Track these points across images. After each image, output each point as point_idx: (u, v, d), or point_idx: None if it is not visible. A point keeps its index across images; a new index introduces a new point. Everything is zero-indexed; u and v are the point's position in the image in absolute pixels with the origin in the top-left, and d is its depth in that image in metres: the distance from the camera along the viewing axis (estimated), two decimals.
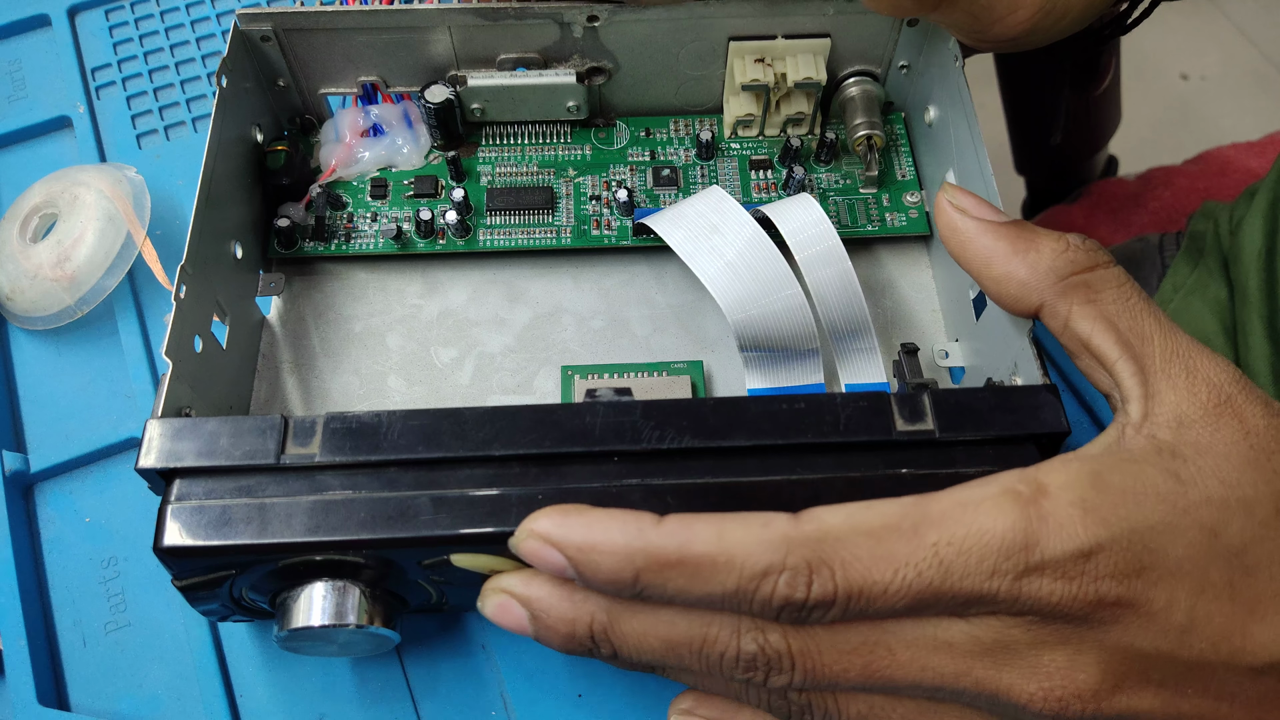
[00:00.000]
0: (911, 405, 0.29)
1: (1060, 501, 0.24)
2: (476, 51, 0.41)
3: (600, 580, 0.25)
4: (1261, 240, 0.46)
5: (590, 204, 0.42)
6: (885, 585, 0.24)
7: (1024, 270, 0.28)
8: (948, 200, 0.31)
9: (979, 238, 0.29)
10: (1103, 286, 0.28)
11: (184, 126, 0.48)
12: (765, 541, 0.24)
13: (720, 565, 0.24)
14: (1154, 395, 0.26)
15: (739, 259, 0.36)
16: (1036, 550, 0.23)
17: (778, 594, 0.24)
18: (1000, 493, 0.24)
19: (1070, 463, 0.25)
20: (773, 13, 0.39)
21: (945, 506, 0.24)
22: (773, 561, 0.24)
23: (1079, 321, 0.27)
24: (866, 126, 0.41)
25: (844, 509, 0.25)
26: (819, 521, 0.24)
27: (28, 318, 0.41)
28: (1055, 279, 0.28)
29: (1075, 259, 0.28)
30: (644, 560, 0.24)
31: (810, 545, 0.24)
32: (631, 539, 0.24)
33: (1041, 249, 0.28)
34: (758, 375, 0.37)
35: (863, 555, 0.24)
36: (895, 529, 0.24)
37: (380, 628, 0.30)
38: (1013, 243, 0.29)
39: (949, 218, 0.30)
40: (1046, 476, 0.25)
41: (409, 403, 0.39)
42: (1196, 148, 0.69)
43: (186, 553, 0.28)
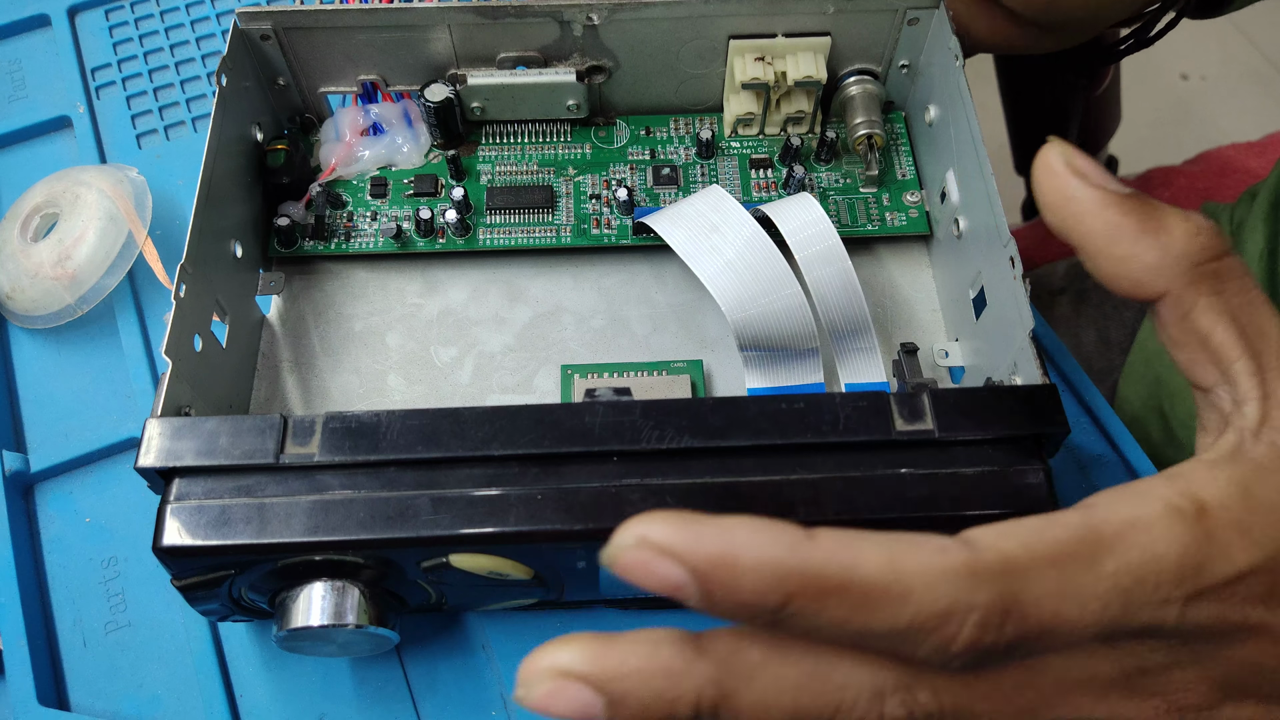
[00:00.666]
0: (911, 405, 0.29)
1: (1220, 521, 0.23)
2: (476, 50, 0.41)
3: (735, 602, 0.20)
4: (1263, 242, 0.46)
5: (590, 203, 0.42)
6: (1074, 622, 0.21)
7: (1154, 254, 0.25)
8: (1065, 161, 0.26)
9: (1102, 211, 0.25)
10: (1229, 276, 0.25)
11: (184, 126, 0.48)
12: (947, 573, 0.20)
13: (895, 596, 0.20)
14: (1272, 396, 0.25)
15: (739, 258, 0.36)
16: (1204, 575, 0.22)
17: (963, 637, 0.20)
18: (1167, 511, 0.23)
19: (1217, 473, 0.24)
20: (773, 11, 0.39)
21: (1116, 528, 0.22)
22: (958, 600, 0.20)
23: (1203, 315, 0.25)
24: (867, 126, 0.41)
25: (1016, 533, 0.22)
26: (997, 550, 0.21)
27: (28, 317, 0.41)
28: (1187, 266, 0.25)
29: (1206, 244, 0.25)
30: (799, 582, 0.20)
31: (1000, 580, 0.21)
32: (784, 553, 0.20)
33: (1174, 231, 0.25)
34: (757, 375, 0.37)
35: (1051, 590, 0.21)
36: (1075, 557, 0.22)
37: (379, 628, 0.30)
38: (1141, 221, 0.25)
39: (1064, 184, 0.26)
40: (1203, 491, 0.23)
41: (409, 402, 0.39)
42: (1196, 148, 0.69)
43: (186, 552, 0.28)
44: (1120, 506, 0.23)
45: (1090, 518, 0.22)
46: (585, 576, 0.31)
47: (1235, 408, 0.25)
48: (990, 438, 0.29)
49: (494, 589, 0.31)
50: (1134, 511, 0.23)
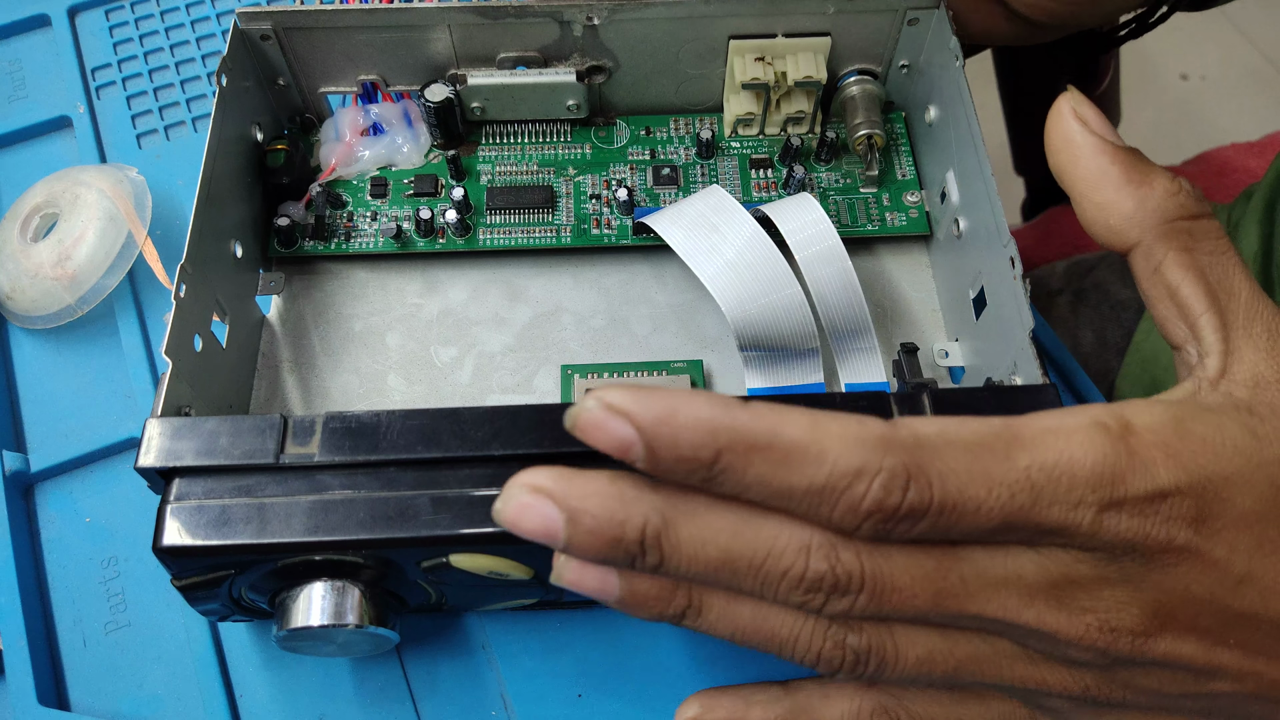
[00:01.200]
0: (911, 405, 0.29)
1: (1145, 440, 0.24)
2: (476, 50, 0.41)
3: (674, 456, 0.22)
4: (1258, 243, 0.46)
5: (590, 203, 0.42)
6: (979, 502, 0.23)
7: (1131, 203, 0.28)
8: (1071, 107, 0.29)
9: (1094, 156, 0.28)
10: (1203, 236, 0.27)
11: (184, 126, 0.48)
12: (862, 438, 0.22)
13: (812, 455, 0.22)
14: (1234, 352, 0.26)
15: (739, 258, 0.36)
16: (1121, 485, 0.23)
17: (870, 496, 0.22)
18: (1090, 424, 0.24)
19: (1154, 405, 0.25)
20: (773, 11, 0.39)
21: (1036, 430, 0.24)
22: (868, 460, 0.22)
23: (1171, 269, 0.27)
24: (867, 126, 0.41)
25: (936, 422, 0.23)
26: (913, 429, 0.23)
27: (28, 317, 0.41)
28: (1160, 220, 0.27)
29: (1184, 204, 0.27)
30: (729, 438, 0.22)
31: (908, 450, 0.22)
32: (716, 412, 0.22)
33: (1155, 186, 0.28)
34: (757, 375, 0.37)
35: (959, 469, 0.23)
36: (989, 447, 0.23)
37: (379, 628, 0.30)
38: (1127, 171, 0.28)
39: (1066, 126, 0.29)
40: (1133, 415, 0.24)
41: (409, 402, 0.39)
42: (1196, 148, 0.69)
43: (185, 552, 0.28)
44: (1048, 416, 0.24)
45: (1013, 420, 0.24)
46: None
47: (1199, 360, 0.27)
48: None
49: (494, 589, 0.31)
50: (1058, 421, 0.24)
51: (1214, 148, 0.67)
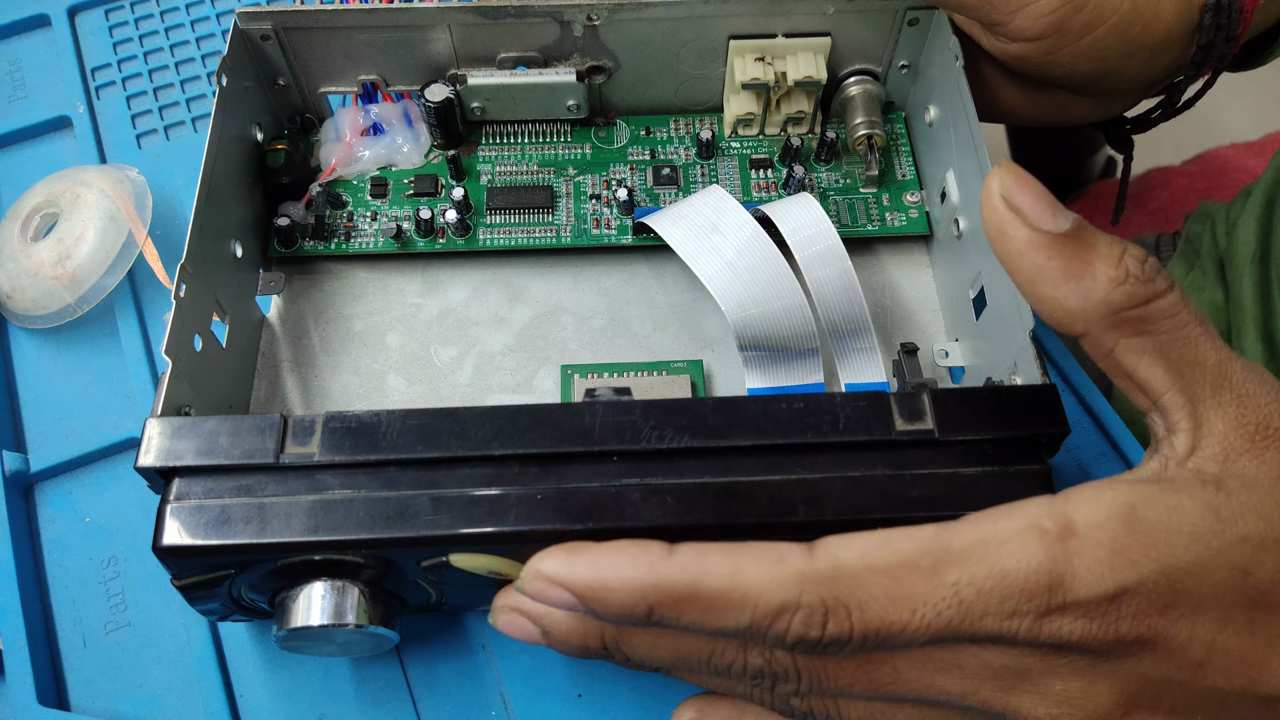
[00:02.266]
0: (911, 405, 0.29)
1: (1088, 542, 0.23)
2: (476, 50, 0.41)
3: (611, 615, 0.25)
4: (1255, 243, 0.46)
5: (590, 203, 0.42)
6: (903, 625, 0.23)
7: (1074, 299, 0.25)
8: (1002, 196, 0.26)
9: (1030, 252, 0.26)
10: (1157, 318, 0.25)
11: (184, 126, 0.48)
12: (779, 579, 0.24)
13: (734, 602, 0.24)
14: (1202, 425, 0.25)
15: (739, 258, 0.36)
16: (1060, 593, 0.23)
17: (792, 632, 0.24)
18: (1026, 529, 0.23)
19: (1103, 493, 0.24)
20: (773, 11, 0.39)
21: (968, 543, 0.24)
22: (787, 600, 0.23)
23: (1125, 355, 0.26)
24: (867, 126, 0.41)
25: (860, 543, 0.24)
26: (834, 558, 0.24)
27: (28, 316, 0.41)
28: (1107, 312, 0.25)
29: (1132, 292, 0.25)
30: (656, 596, 0.24)
31: (825, 584, 0.23)
32: (643, 574, 0.24)
33: (1097, 277, 0.25)
34: (757, 375, 0.37)
35: (879, 595, 0.23)
36: (914, 567, 0.23)
37: (379, 628, 0.30)
38: (1065, 265, 0.25)
39: (999, 219, 0.26)
40: (1076, 511, 0.24)
41: (409, 402, 0.39)
42: (1196, 148, 0.69)
43: (185, 552, 0.28)
44: (981, 524, 0.24)
45: (945, 532, 0.24)
46: None
47: (1166, 436, 0.26)
48: (990, 438, 0.29)
49: (494, 588, 0.31)
50: (992, 529, 0.24)
51: (1214, 148, 0.67)
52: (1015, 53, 0.37)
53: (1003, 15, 0.35)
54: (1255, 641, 0.24)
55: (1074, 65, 0.37)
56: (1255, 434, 0.25)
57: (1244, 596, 0.24)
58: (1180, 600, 0.23)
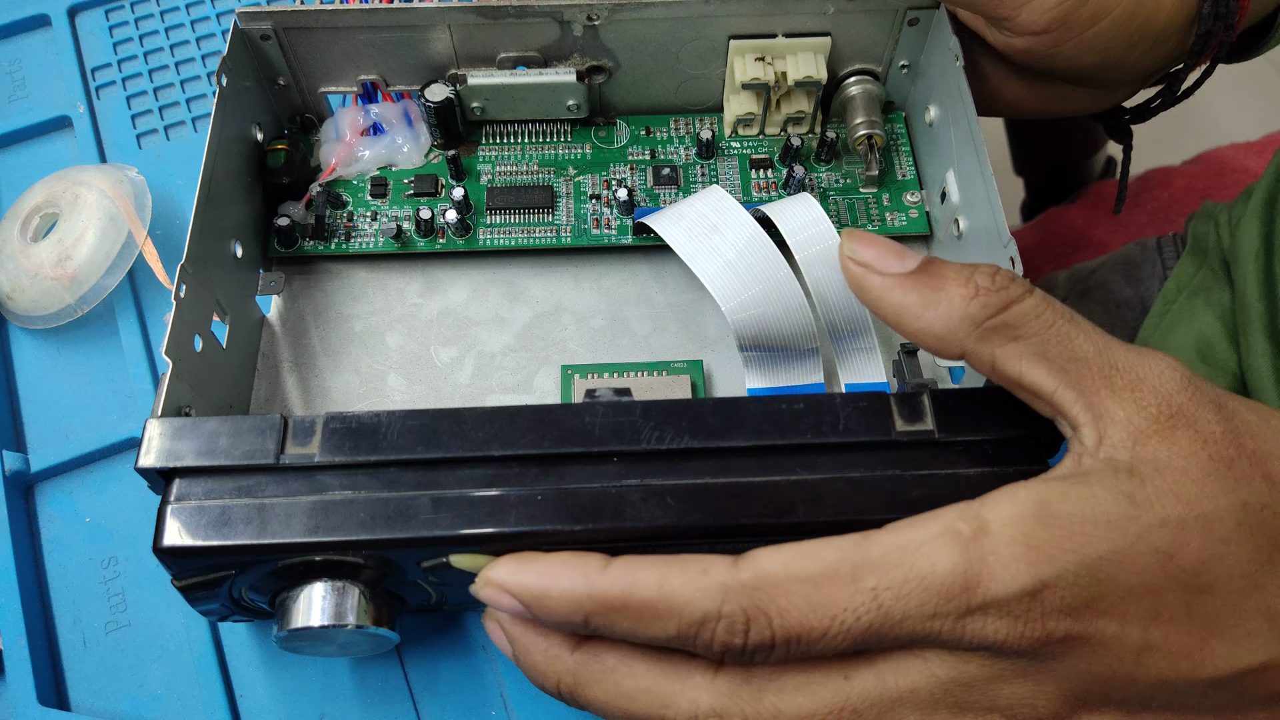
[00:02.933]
0: (911, 405, 0.29)
1: (1002, 539, 0.24)
2: (476, 50, 0.41)
3: (554, 621, 0.26)
4: (1258, 241, 0.46)
5: (590, 203, 0.42)
6: (823, 630, 0.24)
7: (939, 324, 0.27)
8: (849, 257, 0.29)
9: (887, 295, 0.28)
10: (1022, 321, 0.26)
11: (184, 126, 0.48)
12: (702, 589, 0.25)
13: (661, 611, 0.25)
14: (1103, 415, 0.25)
15: (739, 259, 0.35)
16: (978, 592, 0.23)
17: (716, 640, 0.25)
18: (940, 533, 0.24)
19: (1016, 493, 0.25)
20: (773, 11, 0.39)
21: (885, 550, 0.24)
22: (709, 609, 0.24)
23: (1005, 364, 0.26)
24: (867, 126, 0.41)
25: (784, 554, 0.25)
26: (756, 569, 0.25)
27: (28, 316, 0.41)
28: (971, 326, 0.26)
29: (987, 302, 0.26)
30: (590, 605, 0.25)
31: (746, 593, 0.24)
32: (579, 584, 0.25)
33: (951, 297, 0.27)
34: (757, 375, 0.37)
35: (799, 602, 0.24)
36: (833, 574, 0.24)
37: (379, 628, 0.30)
38: (921, 294, 0.27)
39: (854, 276, 0.29)
40: (990, 512, 0.24)
41: (409, 402, 0.39)
42: (1196, 148, 0.69)
43: (186, 553, 0.28)
44: (901, 531, 0.25)
45: (865, 541, 0.25)
46: None
47: (1073, 434, 0.26)
48: (990, 439, 0.29)
49: None
50: (910, 535, 0.25)
51: (1214, 148, 0.67)
52: (1020, 46, 0.37)
53: (1009, 10, 0.35)
54: (1192, 624, 0.24)
55: (1077, 58, 0.37)
56: (1159, 416, 0.25)
57: (1172, 580, 0.24)
58: (1106, 591, 0.23)
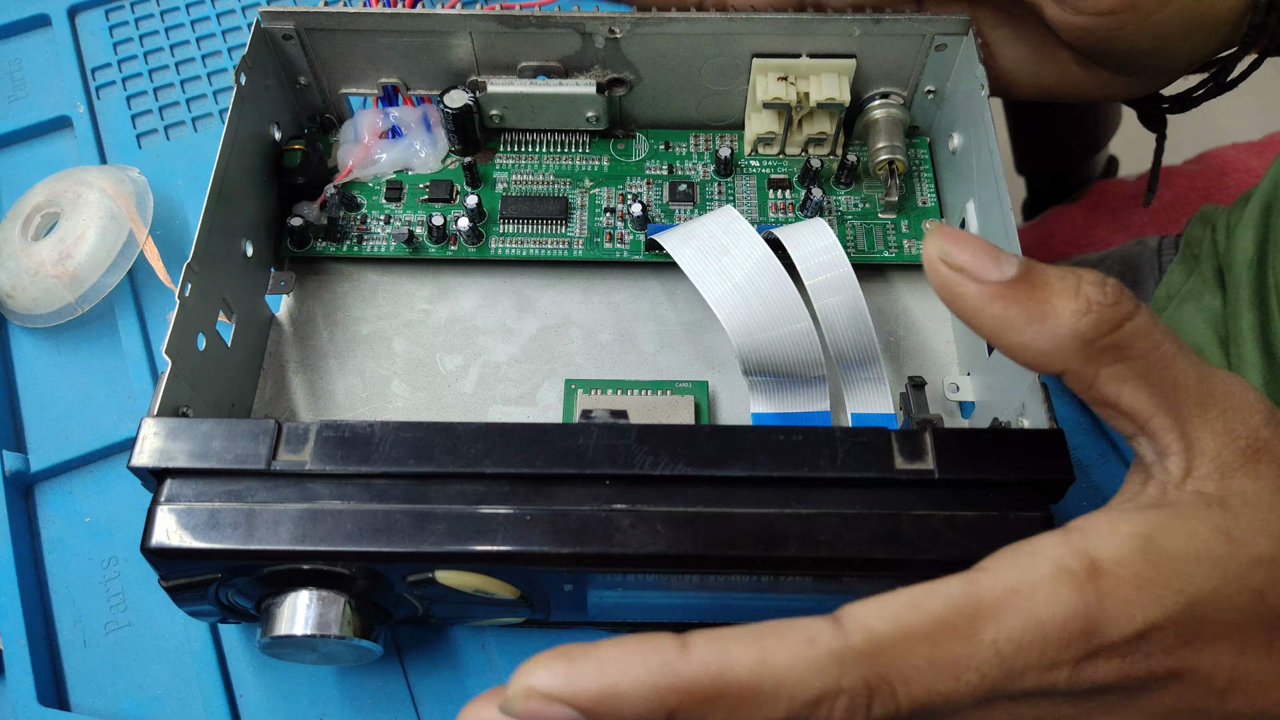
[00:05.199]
0: (912, 443, 0.29)
1: (1116, 580, 0.23)
2: (497, 58, 0.41)
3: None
4: (1253, 249, 0.45)
5: (604, 216, 0.41)
6: (949, 694, 0.22)
7: (1043, 341, 0.25)
8: (940, 259, 0.25)
9: (986, 306, 0.25)
10: (1132, 342, 0.24)
11: (184, 126, 0.48)
12: (813, 663, 0.22)
13: (766, 695, 0.22)
14: (1193, 446, 0.25)
15: (747, 282, 0.35)
16: (1096, 636, 0.22)
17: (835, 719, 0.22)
18: (1054, 574, 0.23)
19: (1118, 526, 0.24)
20: (798, 31, 0.39)
21: (998, 595, 0.23)
22: (826, 687, 0.21)
23: (1107, 385, 0.25)
24: (888, 150, 0.40)
25: (889, 610, 0.23)
26: (866, 631, 0.22)
27: (28, 315, 0.41)
28: (1080, 345, 0.24)
29: (1100, 321, 0.24)
30: (678, 699, 0.21)
31: (864, 662, 0.22)
32: (658, 676, 0.21)
33: (1060, 312, 0.24)
34: (762, 400, 0.36)
35: (922, 666, 0.22)
36: (950, 629, 0.22)
37: (363, 640, 0.30)
38: (1025, 307, 0.25)
39: (945, 281, 0.25)
40: (1097, 549, 0.23)
41: (411, 409, 0.38)
42: (1196, 148, 0.68)
43: (173, 554, 0.28)
44: (1006, 572, 0.23)
45: (972, 586, 0.23)
46: (572, 599, 0.30)
47: (1157, 459, 0.25)
48: (992, 481, 0.28)
49: (481, 606, 0.31)
50: (1019, 577, 0.23)
51: (1214, 148, 0.66)
52: (1080, 24, 0.36)
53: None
54: (1273, 663, 0.24)
55: (1136, 42, 0.36)
56: (1246, 448, 0.24)
57: (1261, 619, 0.23)
58: (1204, 629, 0.23)
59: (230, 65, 0.49)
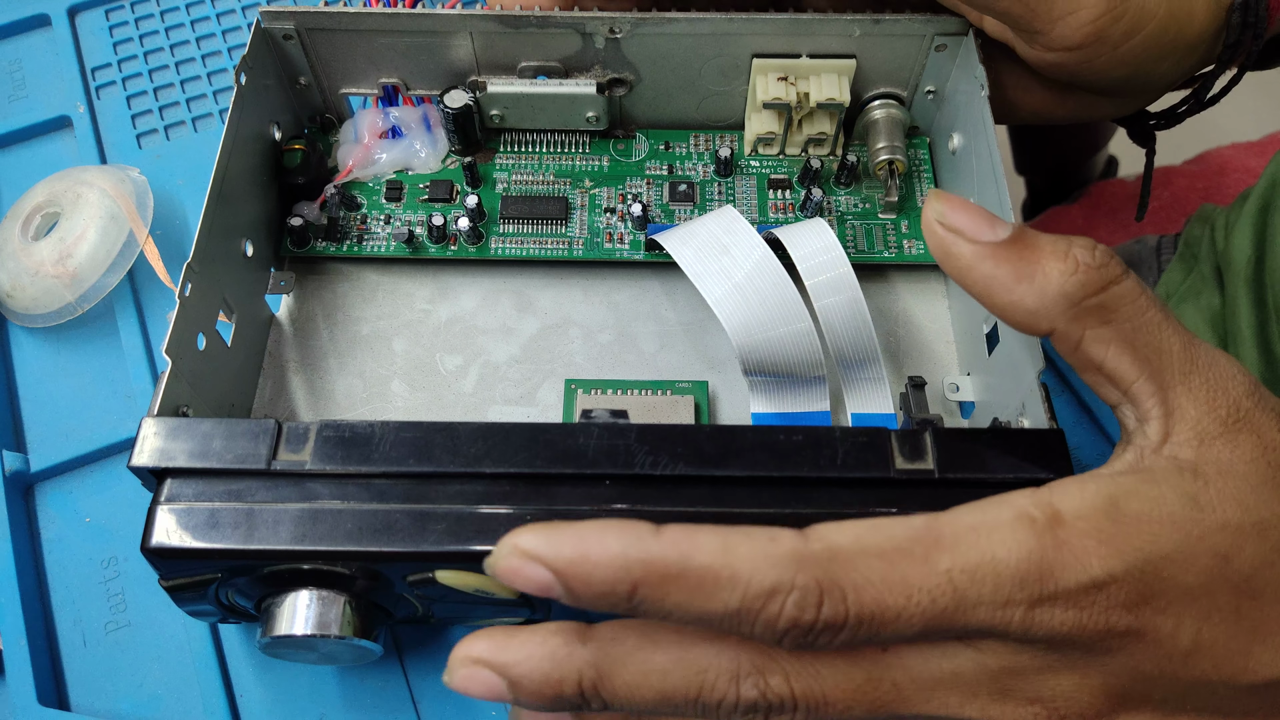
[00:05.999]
0: (912, 443, 0.29)
1: (1075, 530, 0.23)
2: (497, 58, 0.41)
3: (592, 594, 0.23)
4: (1251, 249, 0.45)
5: (604, 216, 0.41)
6: (898, 610, 0.23)
7: (1031, 298, 0.26)
8: (937, 220, 0.27)
9: (977, 265, 0.26)
10: (1118, 305, 0.25)
11: (184, 126, 0.48)
12: (773, 557, 0.22)
13: (724, 580, 0.22)
14: (1174, 411, 0.25)
15: (747, 282, 0.35)
16: (1051, 580, 0.23)
17: (785, 615, 0.22)
18: (1015, 518, 0.23)
19: (1086, 485, 0.24)
20: (798, 31, 0.39)
21: (958, 530, 0.23)
22: (780, 580, 0.22)
23: (1092, 346, 0.26)
24: (888, 151, 0.40)
25: (851, 528, 0.23)
26: (826, 540, 0.23)
27: (28, 315, 0.41)
28: (1066, 305, 0.25)
29: (1087, 281, 0.25)
30: (642, 571, 0.22)
31: (820, 565, 0.22)
32: (629, 547, 0.22)
33: (1049, 272, 0.25)
34: (763, 399, 0.36)
35: (875, 579, 0.23)
36: (907, 552, 0.23)
37: (363, 640, 0.30)
38: (1015, 267, 0.26)
39: (941, 241, 0.27)
40: (1061, 501, 0.24)
41: (411, 409, 0.38)
42: (1196, 148, 0.68)
43: (173, 554, 0.28)
44: (972, 512, 0.24)
45: (935, 521, 0.24)
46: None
47: (1138, 425, 0.26)
48: (991, 480, 0.28)
49: (481, 605, 0.31)
50: (981, 517, 0.24)
51: (1214, 148, 0.66)
52: (1052, 60, 0.36)
53: (1044, 24, 0.35)
54: (1240, 629, 0.24)
55: (1108, 71, 0.36)
56: (1227, 418, 0.25)
57: (1226, 584, 0.24)
58: (1165, 589, 0.23)
59: (230, 65, 0.49)
